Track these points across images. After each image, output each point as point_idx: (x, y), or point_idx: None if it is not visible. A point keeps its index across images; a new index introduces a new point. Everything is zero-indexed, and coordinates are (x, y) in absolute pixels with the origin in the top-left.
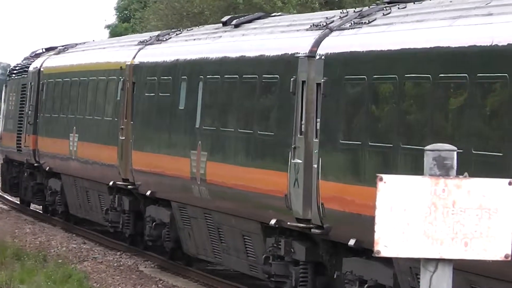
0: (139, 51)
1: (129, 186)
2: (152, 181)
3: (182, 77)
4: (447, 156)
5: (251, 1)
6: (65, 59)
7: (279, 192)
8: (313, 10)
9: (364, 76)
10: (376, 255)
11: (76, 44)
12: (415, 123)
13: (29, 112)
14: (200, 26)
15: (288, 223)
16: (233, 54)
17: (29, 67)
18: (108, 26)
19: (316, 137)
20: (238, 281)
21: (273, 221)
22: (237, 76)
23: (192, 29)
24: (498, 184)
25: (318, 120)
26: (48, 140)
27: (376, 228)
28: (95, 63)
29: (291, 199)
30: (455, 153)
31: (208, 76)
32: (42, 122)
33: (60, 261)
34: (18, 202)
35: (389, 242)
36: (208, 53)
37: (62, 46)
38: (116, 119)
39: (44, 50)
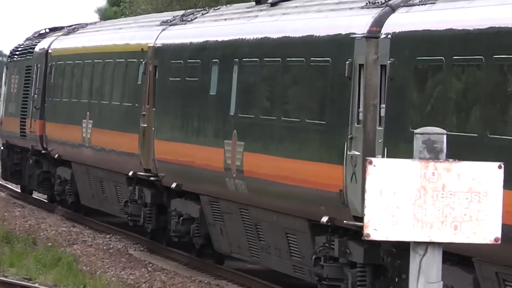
0: (161, 32)
1: (151, 178)
2: (178, 172)
3: (213, 60)
4: (437, 140)
5: None
6: (76, 41)
7: (332, 187)
8: None
9: (442, 57)
10: (366, 238)
11: (87, 24)
12: (505, 110)
13: (35, 96)
14: (228, 5)
15: (345, 221)
16: (274, 35)
17: (34, 48)
18: (98, 10)
19: (380, 125)
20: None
21: (324, 219)
22: (279, 59)
23: (219, 8)
24: (488, 167)
25: (383, 106)
26: (57, 126)
27: (366, 211)
28: (112, 45)
29: (347, 195)
30: (445, 136)
31: (244, 59)
32: (51, 106)
33: (49, 244)
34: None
35: (378, 226)
36: (244, 34)
37: (70, 26)
38: (137, 105)
39: (47, 31)
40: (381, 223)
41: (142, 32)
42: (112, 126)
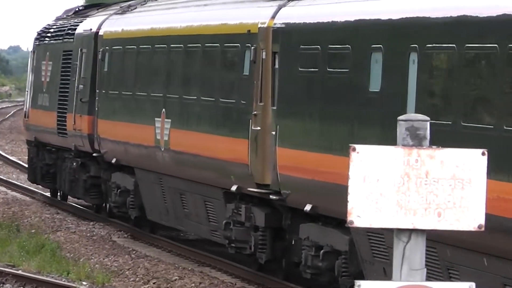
0: (280, 8)
1: (272, 196)
2: (315, 191)
3: (374, 45)
4: (420, 126)
5: None
6: (138, 21)
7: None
8: None
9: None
10: (349, 225)
11: (145, 0)
12: None
13: (81, 86)
14: None
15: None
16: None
17: (74, 29)
18: None
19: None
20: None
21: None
22: (496, 45)
23: None
24: (471, 154)
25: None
26: (115, 124)
27: (349, 198)
28: (198, 26)
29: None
30: (428, 123)
31: (429, 45)
32: (104, 101)
33: (33, 231)
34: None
35: (362, 213)
36: (429, 11)
37: (122, 2)
38: (243, 102)
39: (81, 8)
40: (365, 210)
41: (246, 8)
42: (203, 128)
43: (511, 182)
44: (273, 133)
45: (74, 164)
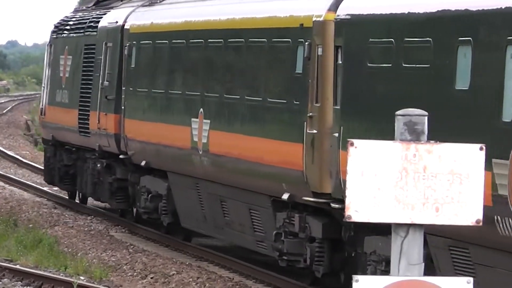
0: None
1: (334, 205)
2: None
3: (461, 38)
4: (418, 121)
5: None
6: (170, 13)
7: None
8: None
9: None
10: (347, 220)
11: None
12: None
13: (106, 83)
14: None
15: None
16: None
17: (96, 22)
18: None
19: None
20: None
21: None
22: None
23: None
24: (469, 149)
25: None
26: (145, 124)
27: (347, 193)
28: (241, 19)
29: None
30: (426, 118)
31: None
32: (132, 98)
33: (31, 225)
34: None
35: (360, 207)
36: None
37: None
38: (296, 102)
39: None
40: (362, 205)
41: (297, 0)
42: (248, 130)
43: None
44: (336, 135)
45: (98, 165)
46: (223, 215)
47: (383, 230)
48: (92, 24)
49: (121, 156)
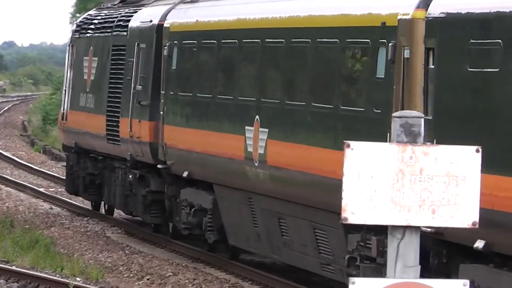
0: None
1: (425, 228)
2: (496, 223)
3: None
4: (414, 123)
5: None
6: (218, 10)
7: None
8: None
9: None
10: (343, 222)
11: None
12: None
13: (139, 87)
14: None
15: None
16: None
17: (127, 20)
18: None
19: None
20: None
21: None
22: None
23: None
24: (466, 151)
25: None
26: (189, 132)
27: (344, 195)
28: (307, 17)
29: None
30: (422, 120)
31: None
32: (173, 104)
33: (27, 226)
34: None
35: (356, 209)
36: None
37: None
38: (376, 111)
39: None
40: (359, 207)
41: None
42: (316, 140)
43: None
44: None
45: (130, 176)
46: (280, 234)
47: (472, 254)
48: (121, 23)
49: (159, 166)
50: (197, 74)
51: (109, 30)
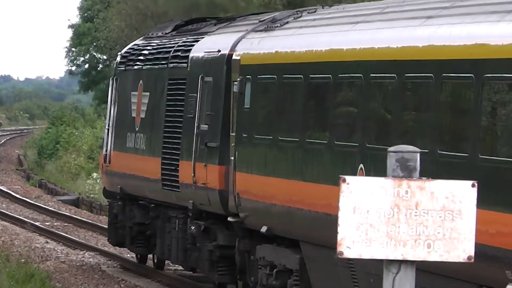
0: None
1: None
2: None
3: None
4: (410, 158)
5: (214, 1)
6: (303, 40)
7: None
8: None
9: None
10: (339, 257)
11: (299, 12)
12: None
13: (204, 126)
14: None
15: None
16: None
17: (186, 50)
18: (71, 26)
19: None
20: None
21: None
22: None
23: None
24: (461, 186)
25: None
26: (269, 180)
27: (339, 229)
28: (429, 47)
29: None
30: (418, 154)
31: None
32: (248, 147)
33: (22, 260)
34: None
35: (352, 244)
36: None
37: (248, 16)
38: None
39: (183, 23)
40: (355, 241)
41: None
42: None
43: None
44: None
45: (193, 228)
46: None
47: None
48: (179, 53)
49: (230, 219)
50: (278, 114)
51: (163, 62)
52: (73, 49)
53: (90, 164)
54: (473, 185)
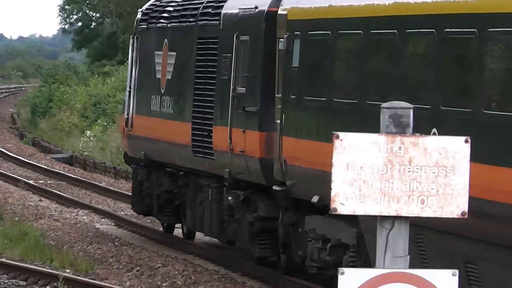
0: None
1: None
2: None
3: None
4: (403, 114)
5: None
6: None
7: None
8: None
9: None
10: (333, 213)
11: None
12: None
13: (241, 89)
14: None
15: None
16: None
17: (217, 6)
18: None
19: None
20: None
21: None
22: None
23: None
24: (455, 141)
25: None
26: (322, 146)
27: (333, 185)
28: None
29: None
30: (411, 110)
31: None
32: (297, 110)
33: (16, 219)
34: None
35: (345, 200)
36: None
37: None
38: None
39: None
40: (348, 198)
41: None
42: None
43: None
44: None
45: (230, 198)
46: (468, 283)
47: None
48: (209, 10)
49: (275, 188)
50: (333, 73)
51: (192, 19)
52: (67, 7)
53: (83, 122)
54: (466, 141)
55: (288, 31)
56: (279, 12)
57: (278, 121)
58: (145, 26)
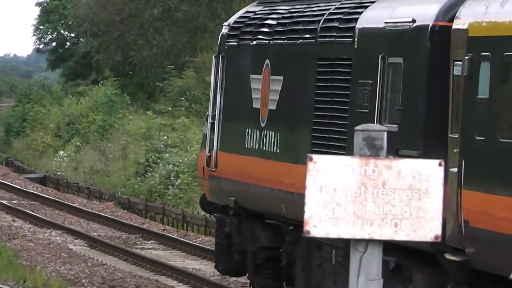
0: None
1: None
2: None
3: None
4: (377, 137)
5: None
6: None
7: None
8: None
9: None
10: (306, 235)
11: None
12: None
13: (394, 126)
14: None
15: None
16: None
17: (349, 19)
18: (38, 4)
19: None
20: None
21: None
22: None
23: None
24: (428, 165)
25: None
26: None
27: (306, 208)
28: None
29: None
30: (385, 133)
31: None
32: (485, 156)
33: None
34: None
35: (319, 222)
36: None
37: None
38: None
39: None
40: (321, 220)
41: None
42: None
43: None
44: None
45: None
46: None
47: None
48: (335, 24)
49: (449, 257)
50: None
51: (307, 35)
52: (41, 26)
53: (57, 142)
54: (440, 164)
55: (471, 52)
56: (455, 27)
57: (454, 170)
58: (235, 43)
